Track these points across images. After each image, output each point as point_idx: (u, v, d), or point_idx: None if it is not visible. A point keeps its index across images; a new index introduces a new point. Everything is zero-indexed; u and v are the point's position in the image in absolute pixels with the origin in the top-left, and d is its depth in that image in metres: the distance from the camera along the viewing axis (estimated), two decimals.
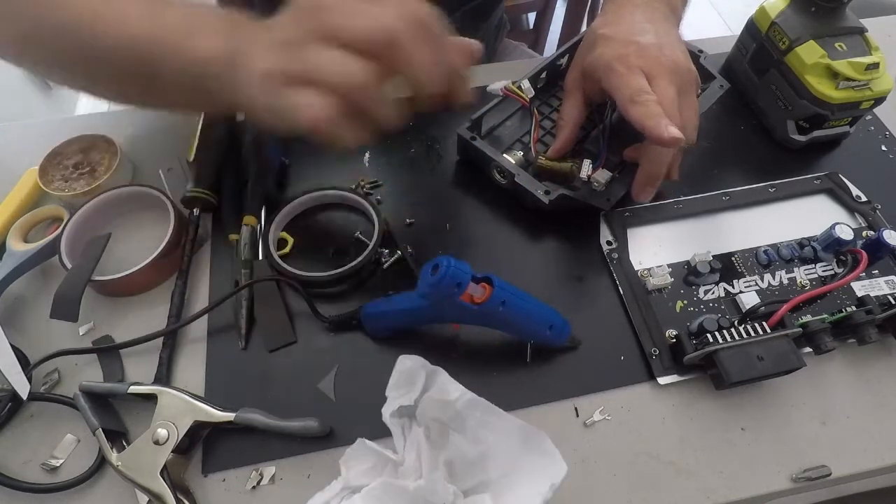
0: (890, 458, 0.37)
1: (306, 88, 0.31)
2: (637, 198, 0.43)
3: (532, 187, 0.44)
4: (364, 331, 0.42)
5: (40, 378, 0.40)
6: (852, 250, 0.43)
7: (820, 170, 0.50)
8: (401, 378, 0.35)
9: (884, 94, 0.47)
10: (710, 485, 0.36)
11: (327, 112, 0.30)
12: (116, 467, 0.35)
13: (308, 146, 0.52)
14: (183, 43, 0.35)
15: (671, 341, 0.41)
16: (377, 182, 0.50)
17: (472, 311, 0.35)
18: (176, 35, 0.35)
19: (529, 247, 0.47)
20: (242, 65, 0.33)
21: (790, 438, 0.38)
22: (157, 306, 0.43)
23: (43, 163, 0.48)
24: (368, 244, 0.44)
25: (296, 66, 0.31)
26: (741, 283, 0.44)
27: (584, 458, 0.37)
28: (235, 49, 0.34)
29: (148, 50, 0.36)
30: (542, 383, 0.40)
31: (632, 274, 0.44)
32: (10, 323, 0.42)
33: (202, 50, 0.34)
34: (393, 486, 0.31)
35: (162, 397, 0.37)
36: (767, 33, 0.50)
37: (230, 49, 0.34)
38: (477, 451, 0.33)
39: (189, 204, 0.46)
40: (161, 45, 0.35)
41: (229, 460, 0.37)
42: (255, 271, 0.43)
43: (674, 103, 0.39)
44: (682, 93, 0.40)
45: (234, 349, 0.41)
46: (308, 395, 0.39)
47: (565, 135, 0.46)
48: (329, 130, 0.31)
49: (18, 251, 0.43)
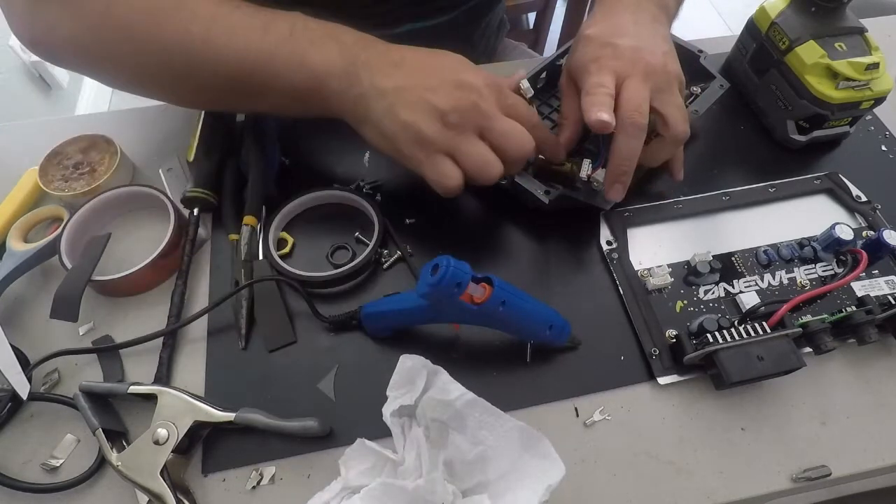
0: (890, 458, 0.37)
1: (449, 159, 0.39)
2: (607, 195, 0.43)
3: (532, 187, 0.44)
4: (364, 331, 0.42)
5: (40, 378, 0.40)
6: (852, 250, 0.43)
7: (820, 170, 0.50)
8: (402, 377, 0.35)
9: (884, 94, 0.47)
10: (710, 485, 0.36)
11: (460, 185, 0.39)
12: (116, 467, 0.35)
13: (308, 146, 0.52)
14: (297, 56, 0.40)
15: (671, 341, 0.41)
16: (377, 182, 0.50)
17: (472, 311, 0.35)
18: (289, 47, 0.40)
19: (529, 247, 0.47)
20: (388, 106, 0.39)
21: (790, 438, 0.38)
22: (157, 306, 0.43)
23: (43, 163, 0.48)
24: (368, 244, 0.44)
25: (452, 144, 0.39)
26: (741, 283, 0.44)
27: (583, 458, 0.37)
28: (360, 74, 0.39)
29: (260, 62, 0.40)
30: (542, 383, 0.40)
31: (632, 274, 0.44)
32: (10, 323, 0.42)
33: (319, 64, 0.39)
34: (392, 486, 0.31)
35: (162, 397, 0.37)
36: (767, 33, 0.50)
37: (348, 65, 0.39)
38: (476, 451, 0.33)
39: (189, 204, 0.46)
40: (273, 57, 0.39)
41: (229, 460, 0.37)
42: (255, 271, 0.43)
43: (644, 100, 0.40)
44: (658, 91, 0.41)
45: (234, 349, 0.41)
46: (308, 395, 0.39)
47: (567, 134, 0.46)
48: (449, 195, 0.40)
49: (18, 251, 0.43)
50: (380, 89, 0.39)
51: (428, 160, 0.39)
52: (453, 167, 0.39)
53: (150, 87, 0.44)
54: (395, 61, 0.40)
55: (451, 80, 0.39)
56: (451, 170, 0.39)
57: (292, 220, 0.48)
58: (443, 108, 0.38)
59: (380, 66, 0.39)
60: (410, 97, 0.38)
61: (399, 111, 0.38)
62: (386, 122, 0.39)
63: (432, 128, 0.38)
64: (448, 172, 0.39)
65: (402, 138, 0.39)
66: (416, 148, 0.39)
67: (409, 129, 0.38)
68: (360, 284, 0.44)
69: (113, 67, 0.43)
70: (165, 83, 0.43)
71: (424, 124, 0.38)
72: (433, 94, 0.38)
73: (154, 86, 0.44)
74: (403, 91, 0.39)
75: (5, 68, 1.34)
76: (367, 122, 0.40)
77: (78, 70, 0.44)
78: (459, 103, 0.38)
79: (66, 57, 0.43)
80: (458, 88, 0.39)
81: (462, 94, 0.39)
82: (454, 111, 0.38)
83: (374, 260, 0.45)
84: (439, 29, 0.63)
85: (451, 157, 0.39)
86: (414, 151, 0.39)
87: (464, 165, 0.39)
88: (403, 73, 0.39)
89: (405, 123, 0.38)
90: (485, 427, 0.33)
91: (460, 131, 0.39)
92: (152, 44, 0.40)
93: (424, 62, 0.41)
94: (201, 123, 0.48)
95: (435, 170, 0.39)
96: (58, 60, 0.44)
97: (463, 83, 0.39)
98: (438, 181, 0.39)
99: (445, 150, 0.39)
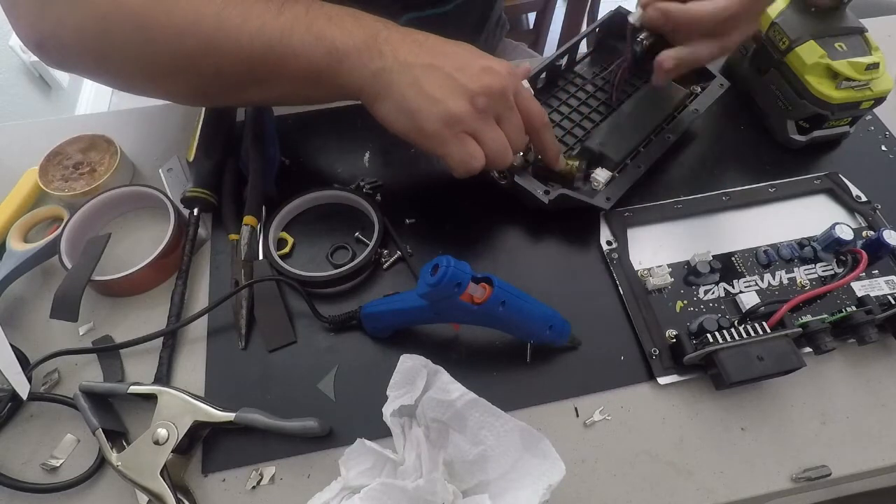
0: (890, 458, 0.37)
1: (473, 140, 0.39)
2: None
3: (532, 187, 0.44)
4: (364, 331, 0.42)
5: (40, 378, 0.40)
6: (852, 250, 0.43)
7: (820, 170, 0.50)
8: (402, 377, 0.35)
9: (884, 94, 0.47)
10: (710, 485, 0.36)
11: (482, 167, 0.39)
12: (116, 467, 0.35)
13: (308, 146, 0.52)
14: (315, 32, 0.38)
15: (671, 341, 0.41)
16: (377, 182, 0.50)
17: (472, 311, 0.35)
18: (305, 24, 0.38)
19: (529, 247, 0.47)
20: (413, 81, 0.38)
21: (790, 438, 0.38)
22: (157, 306, 0.43)
23: (43, 163, 0.48)
24: (368, 244, 0.44)
25: (477, 126, 0.38)
26: (741, 283, 0.44)
27: (583, 458, 0.37)
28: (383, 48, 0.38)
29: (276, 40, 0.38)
30: (542, 383, 0.40)
31: (632, 274, 0.44)
32: (10, 323, 0.42)
33: (338, 37, 0.38)
34: (392, 486, 0.31)
35: (162, 397, 0.37)
36: (767, 33, 0.50)
37: (368, 38, 0.38)
38: (477, 451, 0.33)
39: (189, 204, 0.46)
40: (289, 34, 0.38)
41: (229, 460, 0.37)
42: (255, 271, 0.43)
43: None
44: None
45: (234, 349, 0.41)
46: (308, 395, 0.39)
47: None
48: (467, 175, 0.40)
49: (18, 251, 0.43)
50: (405, 63, 0.38)
51: (455, 139, 0.38)
52: (477, 148, 0.39)
53: (159, 81, 0.42)
54: (419, 40, 0.39)
55: (478, 63, 0.39)
56: (477, 150, 0.39)
57: (292, 220, 0.48)
58: (473, 88, 0.38)
59: (403, 42, 0.39)
60: (439, 74, 0.38)
61: (426, 86, 0.38)
62: (410, 96, 0.38)
63: (462, 107, 0.38)
64: (475, 153, 0.39)
65: (428, 114, 0.38)
66: (442, 125, 0.38)
67: (437, 105, 0.37)
68: (360, 284, 0.44)
69: (122, 60, 0.41)
70: (176, 72, 0.41)
71: (453, 102, 0.37)
72: (462, 75, 0.38)
73: (163, 77, 0.42)
74: (432, 68, 0.38)
75: (5, 68, 1.34)
76: (386, 97, 0.39)
77: (85, 70, 0.43)
78: (488, 87, 0.38)
79: (73, 56, 0.41)
80: (485, 73, 0.38)
81: (491, 78, 0.38)
82: (482, 94, 0.38)
83: (374, 260, 0.45)
84: (432, 21, 0.63)
85: (474, 139, 0.39)
86: (439, 128, 0.38)
87: (485, 149, 0.39)
88: (427, 52, 0.39)
89: (434, 99, 0.37)
90: (485, 427, 0.33)
91: (486, 115, 0.39)
92: (163, 29, 0.38)
93: (446, 45, 0.40)
94: (201, 123, 0.48)
95: (462, 149, 0.39)
96: (65, 60, 0.42)
97: (490, 69, 0.39)
98: (464, 161, 0.39)
99: (471, 130, 0.39)
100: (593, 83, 0.54)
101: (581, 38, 0.53)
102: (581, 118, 0.52)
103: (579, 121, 0.52)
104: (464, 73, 0.38)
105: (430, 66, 0.38)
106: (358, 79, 0.39)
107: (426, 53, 0.39)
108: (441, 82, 0.38)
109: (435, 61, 0.38)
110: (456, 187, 0.50)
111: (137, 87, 0.43)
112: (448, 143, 0.39)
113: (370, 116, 0.41)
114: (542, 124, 0.42)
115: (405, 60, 0.38)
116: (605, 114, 0.52)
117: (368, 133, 0.53)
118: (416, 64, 0.38)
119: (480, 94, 0.38)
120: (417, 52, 0.39)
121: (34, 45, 0.41)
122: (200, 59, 0.39)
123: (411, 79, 0.38)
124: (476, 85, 0.38)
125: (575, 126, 0.51)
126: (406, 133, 0.40)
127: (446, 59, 0.39)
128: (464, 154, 0.39)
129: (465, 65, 0.39)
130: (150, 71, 0.41)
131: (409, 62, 0.38)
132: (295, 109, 0.55)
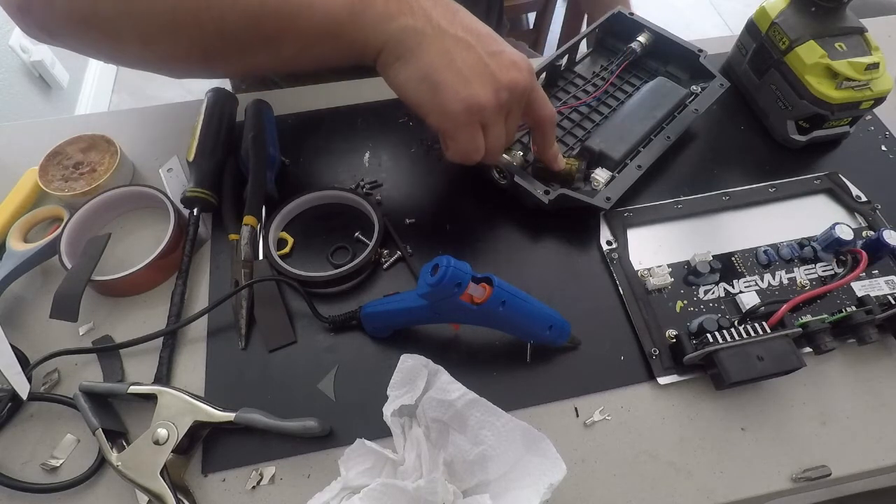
0: (890, 458, 0.37)
1: (481, 133, 0.38)
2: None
3: (532, 187, 0.44)
4: (364, 331, 0.42)
5: (40, 378, 0.40)
6: (852, 250, 0.43)
7: (820, 170, 0.50)
8: (402, 377, 0.35)
9: (884, 94, 0.47)
10: (710, 485, 0.36)
11: (479, 159, 0.39)
12: (116, 467, 0.35)
13: (308, 146, 0.52)
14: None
15: (671, 341, 0.41)
16: (377, 182, 0.50)
17: (472, 311, 0.35)
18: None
19: (529, 247, 0.47)
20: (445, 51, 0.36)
21: (790, 438, 0.38)
22: (157, 306, 0.43)
23: (43, 163, 0.48)
24: (368, 244, 0.44)
25: (492, 120, 0.38)
26: (741, 283, 0.44)
27: (584, 458, 0.37)
28: (413, 4, 0.36)
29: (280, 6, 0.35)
30: (542, 383, 0.40)
31: (632, 274, 0.44)
32: (10, 323, 0.42)
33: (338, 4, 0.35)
34: (392, 486, 0.31)
35: (162, 397, 0.37)
36: (767, 33, 0.50)
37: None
38: (477, 451, 0.33)
39: (189, 204, 0.46)
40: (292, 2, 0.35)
41: (229, 460, 0.37)
42: (255, 271, 0.43)
43: None
44: None
45: (234, 349, 0.41)
46: (308, 395, 0.39)
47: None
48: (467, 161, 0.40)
49: (18, 251, 0.43)
50: (438, 28, 0.35)
51: (469, 126, 0.37)
52: (483, 141, 0.38)
53: (155, 43, 0.37)
54: (451, 8, 0.37)
55: (508, 55, 0.37)
56: (482, 143, 0.38)
57: (292, 220, 0.48)
58: (501, 80, 0.36)
59: (436, 3, 0.36)
60: (472, 54, 0.36)
61: (458, 62, 0.35)
62: (439, 67, 0.35)
63: (487, 97, 0.36)
64: (479, 146, 0.38)
65: (454, 94, 0.35)
66: (463, 108, 0.36)
67: (466, 87, 0.36)
68: (359, 284, 0.44)
69: (115, 17, 0.36)
70: (175, 30, 0.36)
71: (482, 89, 0.36)
72: (494, 62, 0.36)
73: (159, 38, 0.37)
74: (467, 46, 0.36)
75: (5, 68, 1.34)
76: (411, 57, 0.35)
77: (73, 34, 0.38)
78: (515, 83, 0.37)
79: (60, 16, 0.37)
80: (513, 67, 0.37)
81: (518, 74, 0.37)
82: (507, 89, 0.37)
83: (374, 260, 0.45)
84: None
85: (483, 128, 0.38)
86: (460, 111, 0.36)
87: (487, 143, 0.39)
88: (460, 24, 0.37)
89: (464, 79, 0.35)
90: (486, 427, 0.33)
91: (503, 110, 0.38)
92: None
93: (477, 22, 0.38)
94: (201, 123, 0.49)
95: (471, 139, 0.38)
96: (50, 21, 0.38)
97: (517, 64, 0.37)
98: (467, 151, 0.38)
99: (485, 122, 0.38)
100: (593, 83, 0.54)
101: (581, 38, 0.53)
102: (581, 118, 0.52)
103: (579, 121, 0.52)
104: (495, 61, 0.36)
105: (464, 41, 0.36)
106: (382, 33, 0.35)
107: (459, 25, 0.36)
108: (473, 63, 0.36)
109: (469, 37, 0.36)
110: (456, 187, 0.50)
111: (129, 53, 0.39)
112: (461, 129, 0.37)
113: (370, 116, 0.41)
114: (553, 126, 0.42)
115: (438, 25, 0.35)
116: (605, 114, 0.52)
117: (368, 133, 0.53)
118: (450, 33, 0.36)
119: (505, 89, 0.37)
120: (451, 19, 0.36)
121: (16, 7, 0.37)
122: (203, 11, 0.35)
123: (443, 48, 0.35)
124: (505, 78, 0.36)
125: (575, 126, 0.51)
126: (421, 104, 0.37)
127: (479, 40, 0.37)
128: (470, 144, 0.38)
129: (497, 52, 0.37)
130: (145, 30, 0.37)
131: (443, 28, 0.35)
132: (295, 109, 0.55)
